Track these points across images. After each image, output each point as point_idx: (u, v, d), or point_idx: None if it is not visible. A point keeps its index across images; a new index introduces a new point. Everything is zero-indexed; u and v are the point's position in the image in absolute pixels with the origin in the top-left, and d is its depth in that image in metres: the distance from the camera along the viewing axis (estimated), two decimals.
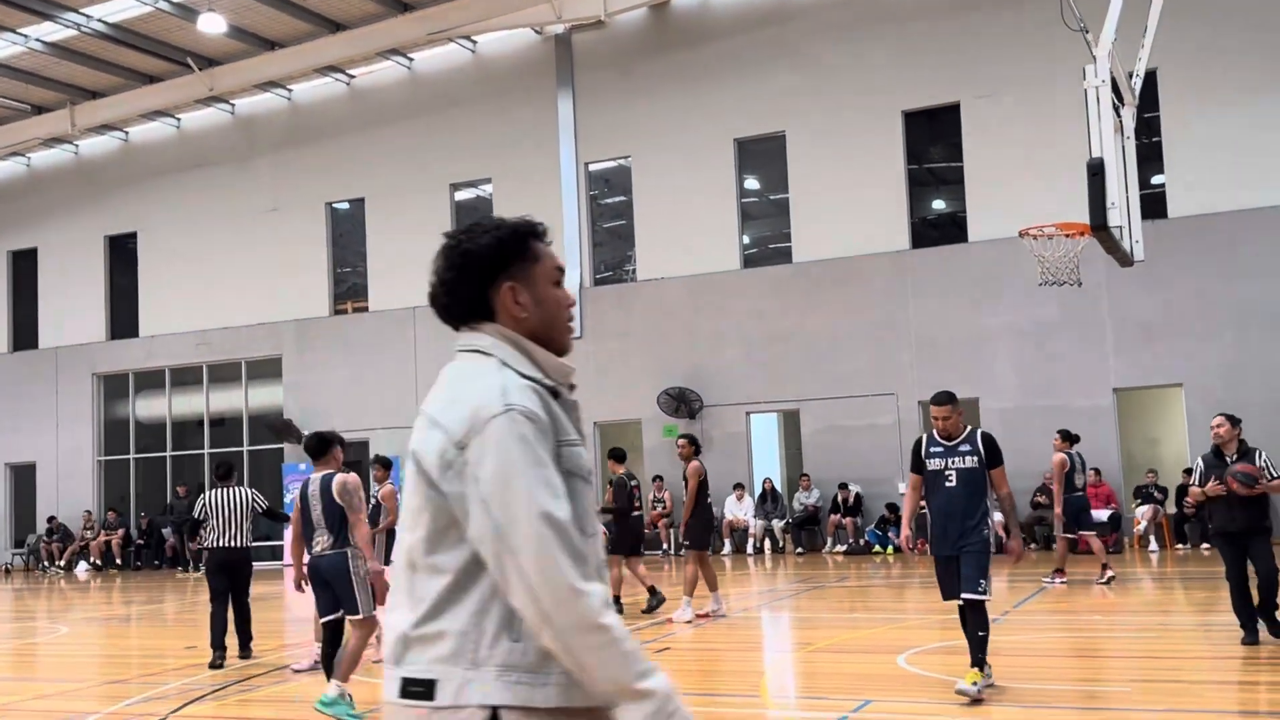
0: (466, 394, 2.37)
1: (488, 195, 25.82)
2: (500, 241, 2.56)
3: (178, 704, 8.58)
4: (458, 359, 2.53)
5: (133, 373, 29.03)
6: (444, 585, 2.27)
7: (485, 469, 2.24)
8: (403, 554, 2.36)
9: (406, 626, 2.29)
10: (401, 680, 2.28)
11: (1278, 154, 19.56)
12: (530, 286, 2.55)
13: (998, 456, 7.52)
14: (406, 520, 2.37)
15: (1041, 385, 20.60)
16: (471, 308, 2.55)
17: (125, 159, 29.34)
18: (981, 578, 7.25)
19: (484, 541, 2.23)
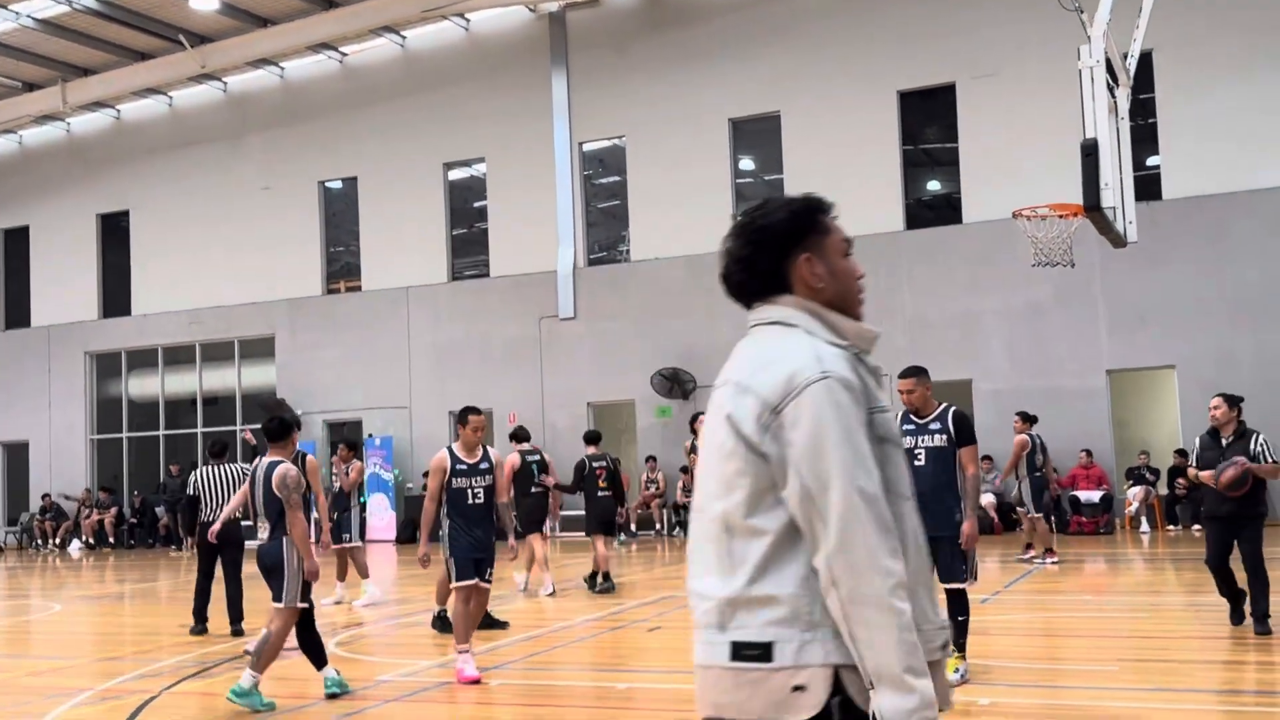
0: (780, 359, 2.40)
1: (481, 175, 25.76)
2: (794, 215, 2.65)
3: (171, 681, 8.60)
4: (756, 332, 2.59)
5: (125, 351, 28.98)
6: (766, 547, 2.31)
7: (800, 433, 2.30)
8: (714, 519, 2.38)
9: (731, 591, 2.32)
10: (732, 644, 2.31)
11: (1272, 136, 19.57)
12: (824, 258, 2.63)
13: (967, 435, 7.33)
14: (715, 487, 2.39)
15: (1034, 366, 20.65)
16: (768, 282, 2.61)
17: (117, 137, 29.22)
18: (963, 564, 7.16)
19: (794, 503, 2.28)
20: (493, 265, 25.26)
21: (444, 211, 25.74)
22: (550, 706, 7.14)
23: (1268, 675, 7.38)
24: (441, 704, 7.55)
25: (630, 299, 23.78)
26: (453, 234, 25.95)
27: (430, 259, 25.65)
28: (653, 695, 7.64)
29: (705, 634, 2.38)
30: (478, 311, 25.11)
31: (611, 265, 24.59)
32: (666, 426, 23.25)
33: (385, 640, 10.88)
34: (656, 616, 11.14)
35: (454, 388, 24.97)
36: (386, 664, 9.27)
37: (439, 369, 25.39)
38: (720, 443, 2.40)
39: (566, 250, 24.26)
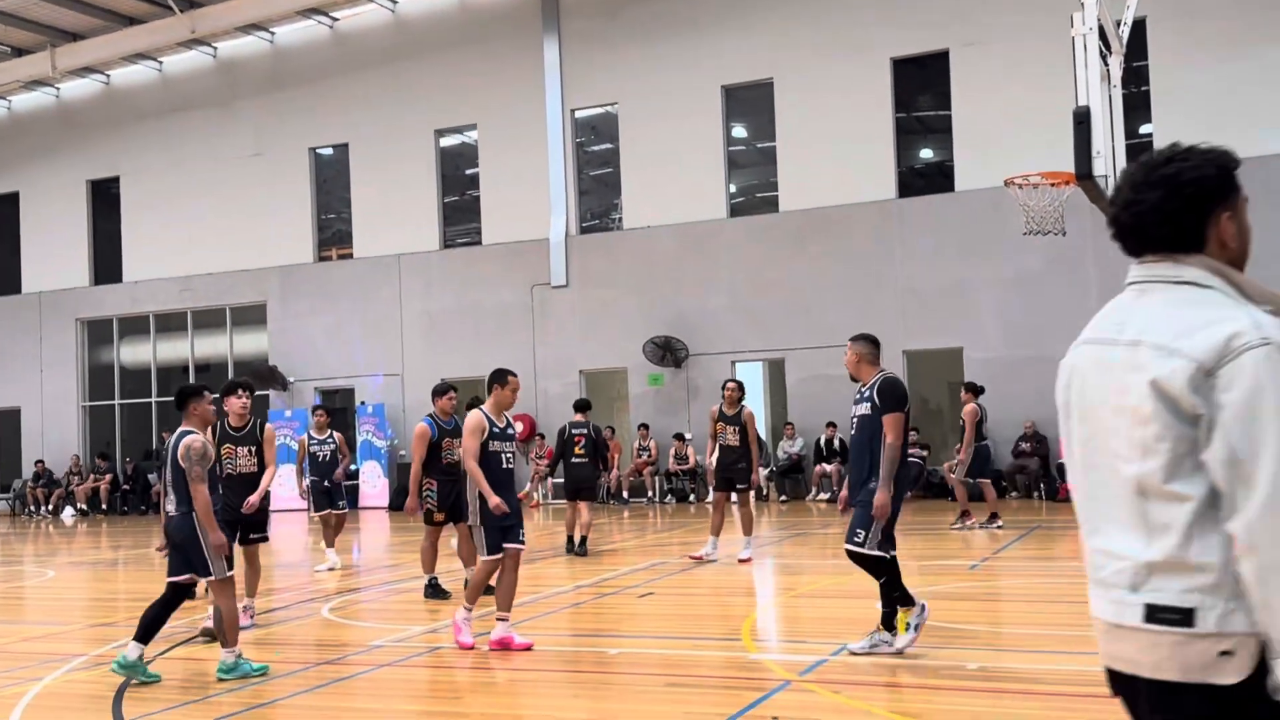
0: (1215, 322, 2.33)
1: (473, 142, 25.65)
2: (1222, 170, 2.54)
3: (165, 646, 8.65)
4: (1162, 291, 2.50)
5: (117, 318, 28.93)
6: (1190, 513, 2.29)
7: (1233, 396, 2.25)
8: (1125, 481, 2.37)
9: (1154, 555, 2.32)
10: (1147, 606, 2.32)
11: (1265, 105, 19.56)
12: (1239, 217, 2.53)
13: (889, 403, 7.15)
14: (1125, 449, 2.37)
15: (1025, 335, 20.70)
16: (1185, 238, 2.49)
17: (107, 102, 29.03)
18: (861, 528, 7.07)
19: (1217, 466, 2.26)
20: (485, 233, 25.21)
21: (436, 179, 25.65)
22: (542, 671, 7.20)
23: None
24: (434, 669, 7.61)
25: (622, 267, 23.76)
26: (444, 201, 25.88)
27: (422, 226, 25.59)
28: (644, 660, 7.71)
29: (1114, 593, 2.40)
30: (470, 279, 25.08)
31: (604, 233, 24.55)
32: (659, 394, 23.30)
33: (377, 606, 10.94)
34: (648, 583, 11.21)
35: (446, 355, 24.99)
36: (379, 629, 9.33)
37: (431, 336, 25.38)
38: (1135, 405, 2.36)
39: (559, 218, 24.21)
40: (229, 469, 9.06)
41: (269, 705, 6.61)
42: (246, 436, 9.15)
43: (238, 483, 9.02)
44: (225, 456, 9.03)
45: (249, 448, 9.12)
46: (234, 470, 9.08)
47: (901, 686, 6.35)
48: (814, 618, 9.35)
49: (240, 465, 9.09)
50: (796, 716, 5.90)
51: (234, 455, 9.09)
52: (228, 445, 9.09)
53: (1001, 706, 6.00)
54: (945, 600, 9.53)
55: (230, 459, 9.08)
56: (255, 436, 9.15)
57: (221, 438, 9.06)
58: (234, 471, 9.07)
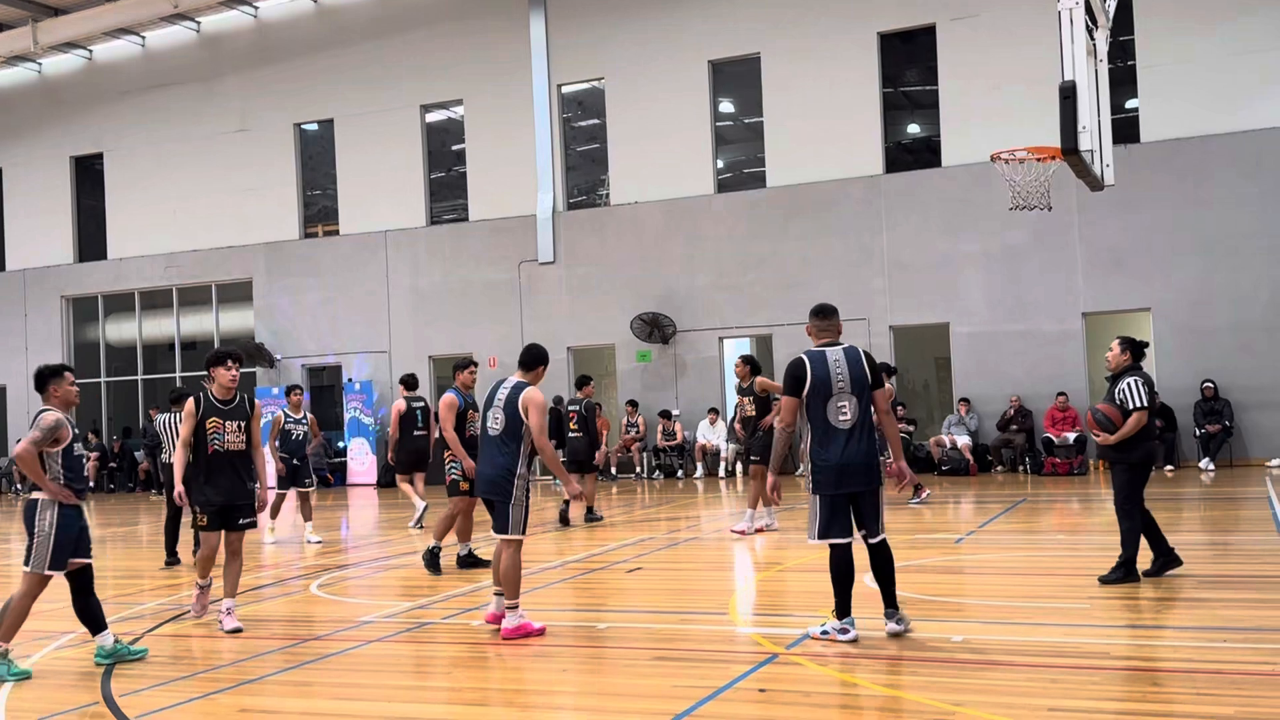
0: None
1: (459, 117, 25.55)
2: None
3: (153, 624, 8.67)
4: None
5: (101, 295, 28.81)
6: None
7: None
8: None
9: None
10: None
11: (1250, 79, 19.59)
12: None
13: (787, 385, 6.97)
14: None
15: (1011, 310, 20.78)
16: None
17: (90, 78, 28.81)
18: (809, 522, 7.00)
19: None
20: (471, 209, 25.14)
21: (422, 155, 25.55)
22: (530, 645, 7.23)
23: (1233, 613, 7.54)
24: (422, 644, 7.64)
25: (610, 243, 23.73)
26: (431, 177, 25.79)
27: (408, 203, 25.50)
28: (632, 634, 7.75)
29: None
30: (457, 256, 25.03)
31: (591, 209, 24.51)
32: (646, 370, 23.33)
33: (366, 582, 10.97)
34: (636, 558, 11.26)
35: (433, 332, 24.97)
36: (367, 605, 9.35)
37: (418, 313, 25.34)
38: None
39: (546, 194, 24.15)
40: (215, 445, 8.18)
41: (257, 681, 6.63)
42: (235, 410, 8.30)
43: (225, 460, 8.21)
44: (211, 431, 8.18)
45: (238, 423, 8.26)
46: (221, 446, 8.21)
47: (886, 659, 6.40)
48: (800, 591, 9.40)
49: (228, 441, 8.22)
50: (783, 689, 5.95)
51: (221, 430, 8.21)
52: (214, 419, 8.20)
53: (986, 678, 6.05)
54: (931, 574, 9.60)
55: (217, 434, 8.20)
56: (245, 411, 8.32)
57: (207, 411, 8.20)
58: (221, 448, 8.21)
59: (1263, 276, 19.38)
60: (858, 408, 6.85)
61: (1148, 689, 5.61)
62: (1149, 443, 8.71)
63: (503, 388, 7.71)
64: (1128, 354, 8.85)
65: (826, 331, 7.09)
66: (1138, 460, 8.66)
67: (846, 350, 6.97)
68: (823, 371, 6.87)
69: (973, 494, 16.78)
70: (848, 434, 6.83)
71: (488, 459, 7.64)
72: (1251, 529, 11.94)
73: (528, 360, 7.86)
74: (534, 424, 7.52)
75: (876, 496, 6.94)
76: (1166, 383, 19.89)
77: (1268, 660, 6.15)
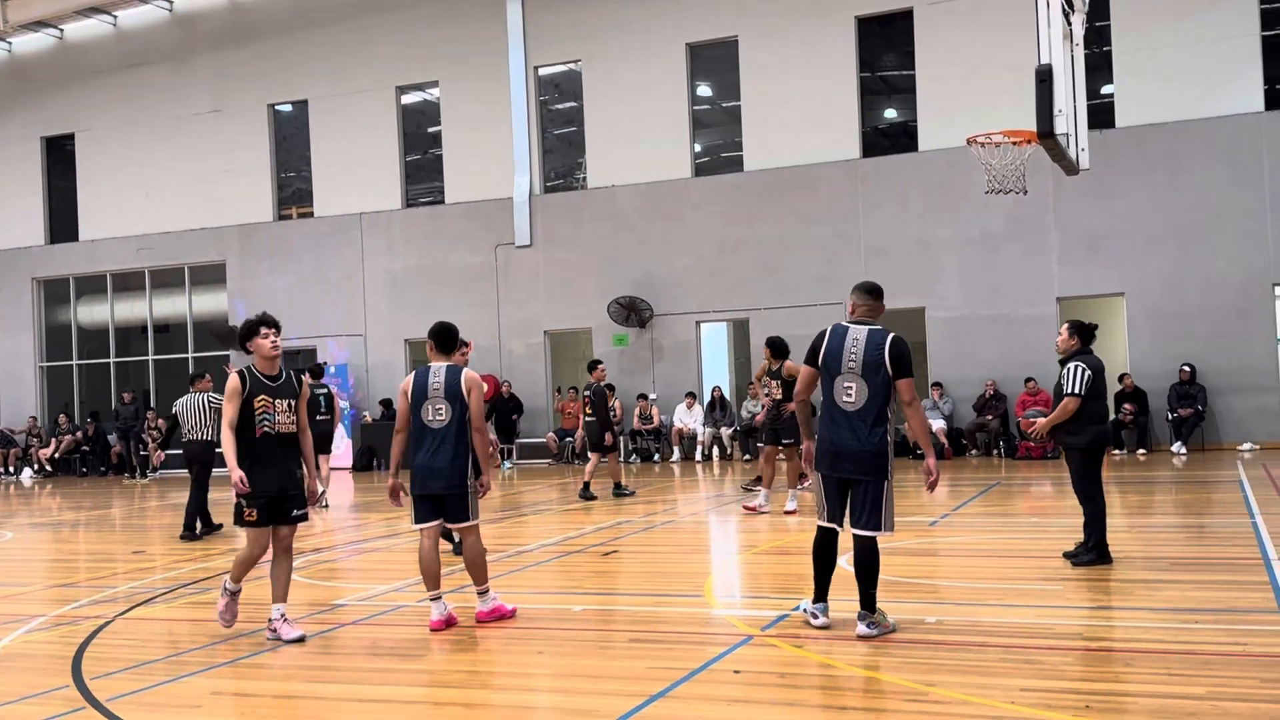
0: None
1: (435, 99, 25.40)
2: None
3: (125, 607, 8.61)
4: None
5: (73, 277, 28.54)
6: None
7: None
8: None
9: None
10: None
11: (1224, 65, 19.69)
12: None
13: (806, 353, 6.87)
14: None
15: (987, 294, 20.86)
16: None
17: (60, 58, 28.48)
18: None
19: None
20: (448, 192, 25.02)
21: (397, 137, 25.40)
22: (506, 628, 7.22)
23: (1205, 594, 7.60)
24: (400, 627, 7.61)
25: (587, 227, 23.67)
26: (406, 160, 25.64)
27: (384, 185, 25.35)
28: (608, 617, 7.76)
29: None
30: (433, 239, 24.91)
31: (568, 192, 24.43)
32: (623, 354, 23.30)
33: (342, 565, 10.93)
34: (612, 541, 11.26)
35: (409, 315, 24.87)
36: (343, 588, 9.32)
37: (394, 296, 25.23)
38: None
39: (523, 177, 24.05)
40: (264, 427, 7.02)
41: (230, 665, 6.60)
42: (284, 388, 7.15)
43: (275, 444, 7.06)
44: (261, 412, 7.00)
45: (288, 401, 7.12)
46: (271, 428, 7.04)
47: (861, 640, 6.42)
48: (775, 574, 9.43)
49: (279, 423, 7.07)
50: (758, 670, 5.96)
51: (271, 410, 7.04)
52: (263, 398, 7.03)
53: (959, 658, 6.08)
54: (906, 556, 9.64)
55: (267, 414, 7.02)
56: (294, 388, 7.18)
57: (254, 389, 7.03)
58: (271, 430, 7.04)
59: (1236, 261, 19.51)
60: (866, 392, 6.50)
61: (1120, 669, 5.65)
62: (1096, 427, 8.68)
63: (434, 376, 7.33)
64: (1075, 338, 8.84)
65: (861, 308, 6.80)
66: (1087, 445, 8.67)
67: (872, 332, 6.62)
68: (837, 346, 6.62)
69: (947, 477, 16.85)
70: (849, 416, 6.54)
71: (435, 453, 7.25)
72: (1223, 512, 12.05)
73: (447, 343, 7.49)
74: (475, 407, 7.31)
75: (872, 489, 6.50)
76: (1140, 367, 20.04)
77: (1238, 641, 6.20)
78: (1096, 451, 8.72)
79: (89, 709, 5.72)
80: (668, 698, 5.50)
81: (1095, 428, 8.68)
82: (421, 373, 7.45)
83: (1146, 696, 5.18)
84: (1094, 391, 8.64)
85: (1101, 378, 8.77)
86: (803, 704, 5.48)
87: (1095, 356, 8.82)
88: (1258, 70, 19.53)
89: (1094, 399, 8.66)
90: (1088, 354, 8.77)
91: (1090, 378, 8.60)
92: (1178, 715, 4.89)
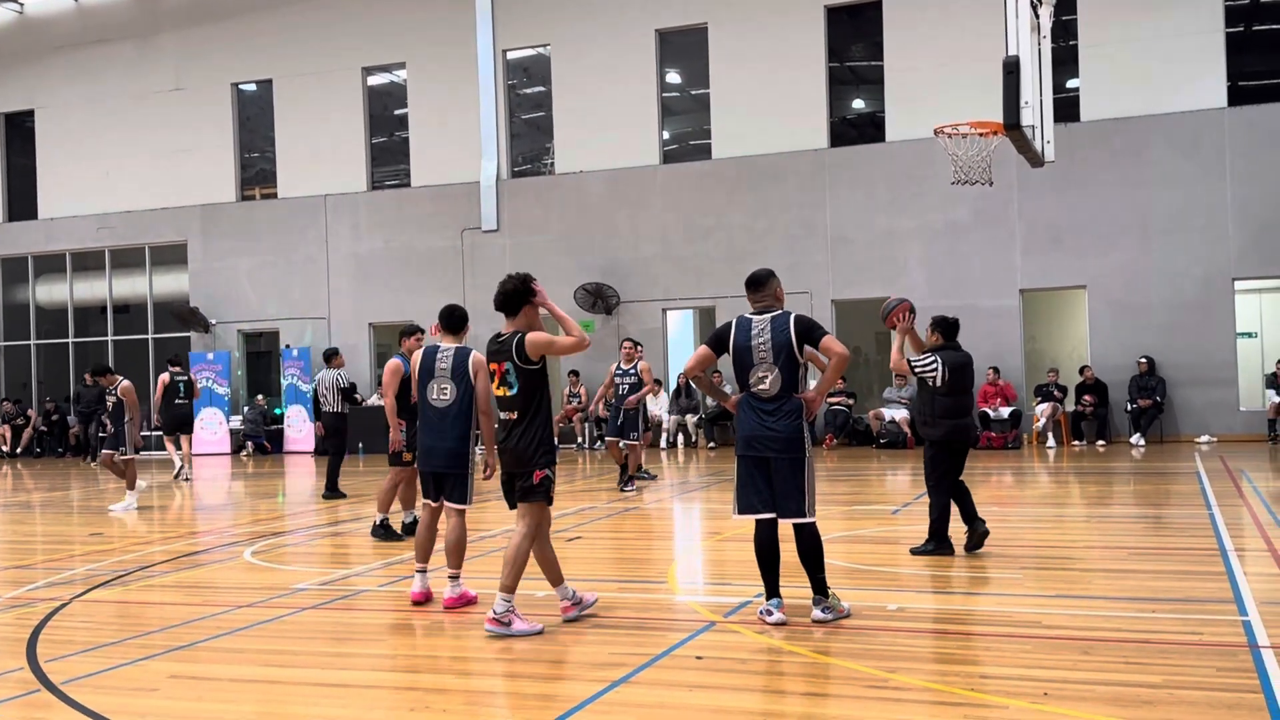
0: None
1: (401, 81, 25.20)
2: None
3: (82, 589, 8.51)
4: None
5: (32, 256, 28.13)
6: None
7: None
8: None
9: None
10: None
11: (1188, 60, 19.86)
12: None
13: (708, 336, 7.04)
14: None
15: (950, 285, 20.96)
16: None
17: (21, 32, 28.01)
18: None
19: None
20: (414, 175, 24.85)
21: (363, 118, 25.19)
22: (468, 613, 7.20)
23: (1160, 584, 7.69)
24: (357, 612, 7.57)
25: (554, 212, 23.59)
26: (372, 142, 25.44)
27: (349, 167, 25.15)
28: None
29: None
30: (398, 222, 24.74)
31: (535, 178, 24.33)
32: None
33: (301, 550, 10.86)
34: (576, 527, 11.24)
35: (373, 299, 24.71)
36: (302, 573, 9.25)
37: (358, 279, 25.05)
38: None
39: (489, 161, 23.92)
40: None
41: (189, 648, 6.53)
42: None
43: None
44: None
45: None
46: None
47: (823, 626, 6.44)
48: (739, 560, 9.44)
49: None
50: (720, 656, 5.97)
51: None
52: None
53: (919, 645, 6.11)
54: (868, 544, 9.69)
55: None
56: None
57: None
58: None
59: (1197, 255, 19.72)
60: (780, 380, 6.53)
61: (1078, 657, 5.70)
62: (953, 421, 8.66)
63: (441, 356, 7.40)
64: (937, 334, 8.93)
65: (756, 302, 6.81)
66: (940, 438, 8.68)
67: (774, 318, 6.65)
68: (744, 339, 6.65)
69: (909, 466, 16.96)
70: (765, 403, 6.55)
71: (438, 432, 7.34)
72: (1181, 503, 12.18)
73: (455, 324, 7.55)
74: (481, 388, 7.34)
75: (794, 474, 6.47)
76: (1100, 359, 20.23)
77: (1195, 630, 6.27)
78: (948, 445, 8.71)
79: (44, 691, 5.64)
80: (630, 683, 5.49)
81: (951, 422, 8.67)
82: (429, 351, 7.52)
83: (1104, 684, 5.22)
84: (957, 387, 8.67)
85: (964, 372, 8.78)
86: (764, 690, 5.49)
87: (961, 352, 8.86)
88: (1221, 66, 19.73)
89: (954, 394, 8.66)
90: (953, 349, 8.82)
91: (945, 372, 8.64)
92: (1134, 703, 4.93)
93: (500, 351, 6.83)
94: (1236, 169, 19.54)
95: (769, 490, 6.58)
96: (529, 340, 6.81)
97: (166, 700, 5.53)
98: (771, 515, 6.62)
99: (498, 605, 6.59)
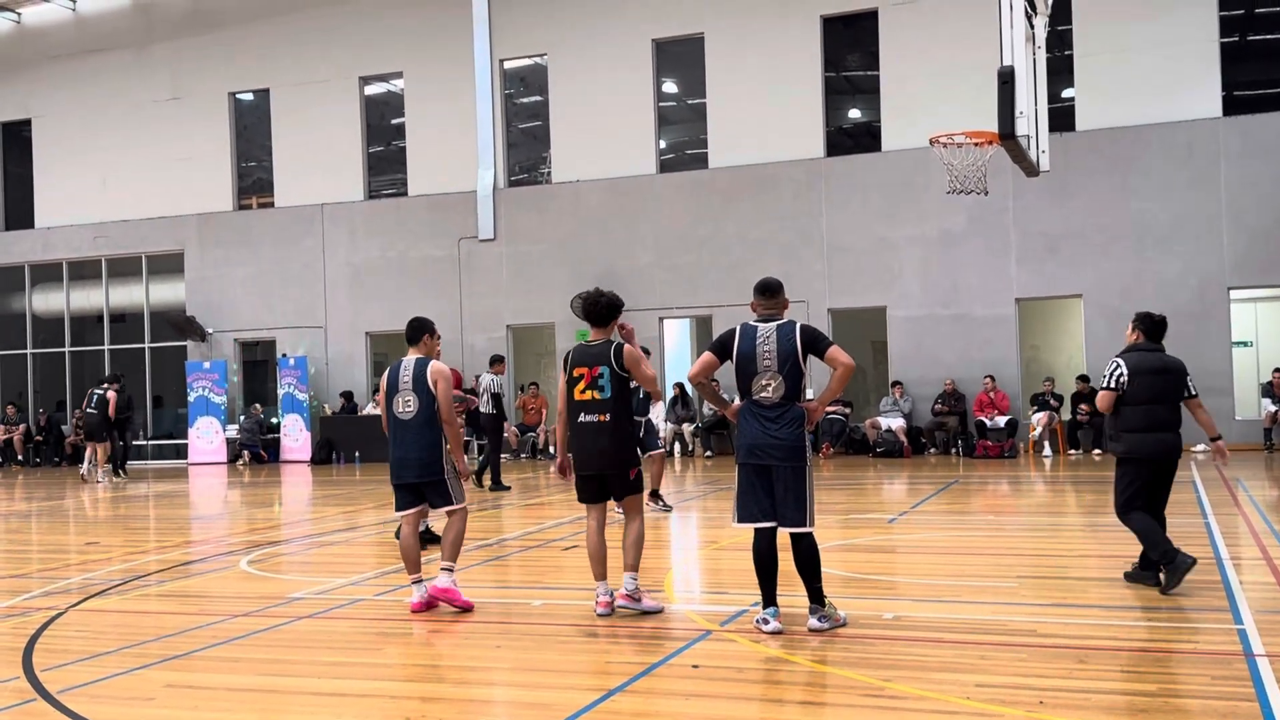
0: None
1: (399, 90, 25.24)
2: None
3: (78, 598, 8.50)
4: None
5: (28, 265, 28.13)
6: None
7: None
8: None
9: None
10: None
11: (1183, 71, 19.93)
12: None
13: (712, 343, 7.02)
14: None
15: (946, 294, 21.00)
16: None
17: (18, 42, 28.06)
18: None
19: None
20: (410, 184, 24.88)
21: (360, 127, 25.22)
22: (465, 622, 7.19)
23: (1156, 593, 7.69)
24: (354, 621, 7.57)
25: (550, 221, 23.62)
26: (369, 151, 25.47)
27: (346, 176, 25.17)
28: (567, 611, 7.73)
29: None
30: (395, 231, 24.76)
31: (532, 186, 24.36)
32: None
33: (298, 559, 10.85)
34: (572, 536, 11.24)
35: (370, 308, 24.72)
36: (299, 582, 9.25)
37: (355, 288, 25.06)
38: None
39: (486, 170, 23.96)
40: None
41: (185, 657, 6.52)
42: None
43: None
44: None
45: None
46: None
47: (819, 635, 6.44)
48: (735, 569, 9.44)
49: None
50: (717, 665, 5.97)
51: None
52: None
53: (915, 654, 6.12)
54: (864, 552, 9.69)
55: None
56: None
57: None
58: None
59: (1193, 264, 19.76)
60: (784, 388, 6.55)
61: (1074, 666, 5.70)
62: (1138, 435, 8.05)
63: (404, 369, 7.57)
64: (1138, 332, 8.46)
65: (762, 308, 6.84)
66: (1123, 454, 8.10)
67: (780, 326, 6.68)
68: (749, 347, 6.66)
69: (906, 475, 16.97)
70: (768, 411, 6.56)
71: (408, 444, 7.49)
72: (1177, 512, 12.17)
73: (412, 334, 7.69)
74: (442, 397, 7.48)
75: (794, 482, 6.48)
76: (1097, 368, 20.23)
77: (1190, 639, 6.28)
78: (1134, 464, 8.08)
79: (40, 701, 5.64)
80: (626, 692, 5.49)
81: (1136, 436, 8.07)
82: (395, 366, 7.70)
83: (1100, 693, 5.23)
84: (1145, 396, 8.14)
85: (1156, 379, 8.15)
86: (760, 699, 5.50)
87: (1157, 354, 8.37)
88: (1216, 76, 19.79)
89: (1143, 403, 8.13)
90: (1148, 350, 8.33)
91: (1125, 377, 8.14)
92: (1130, 711, 4.94)
93: (597, 356, 7.07)
94: (1231, 178, 19.60)
95: (770, 499, 6.59)
96: (628, 351, 7.14)
97: (163, 709, 5.53)
98: (772, 524, 6.63)
99: (627, 583, 7.15)
